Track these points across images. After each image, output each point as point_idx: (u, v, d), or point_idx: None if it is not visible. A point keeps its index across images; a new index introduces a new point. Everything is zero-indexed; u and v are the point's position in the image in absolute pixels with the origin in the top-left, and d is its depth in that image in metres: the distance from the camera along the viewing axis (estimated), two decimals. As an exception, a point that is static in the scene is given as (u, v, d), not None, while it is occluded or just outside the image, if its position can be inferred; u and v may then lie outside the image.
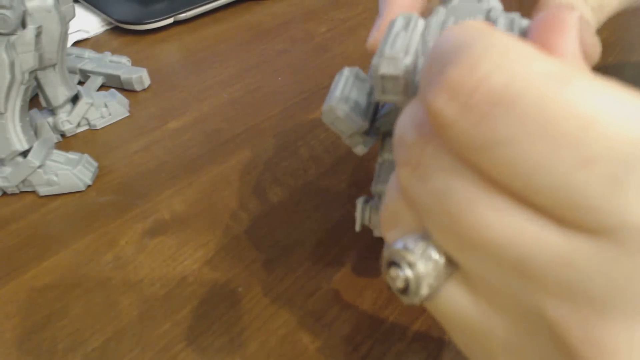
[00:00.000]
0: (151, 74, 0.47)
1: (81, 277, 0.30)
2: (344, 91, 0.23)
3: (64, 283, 0.30)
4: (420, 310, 0.27)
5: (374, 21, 0.24)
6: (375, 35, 0.23)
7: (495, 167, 0.11)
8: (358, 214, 0.26)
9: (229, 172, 0.37)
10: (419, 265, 0.13)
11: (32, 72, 0.34)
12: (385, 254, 0.13)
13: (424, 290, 0.13)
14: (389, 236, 0.15)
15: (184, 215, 0.34)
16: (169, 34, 0.55)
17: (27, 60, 0.33)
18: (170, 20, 0.56)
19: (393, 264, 0.13)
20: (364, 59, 0.47)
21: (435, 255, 0.13)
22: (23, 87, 0.34)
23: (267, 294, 0.28)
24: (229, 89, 0.46)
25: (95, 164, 0.37)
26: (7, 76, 0.32)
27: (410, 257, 0.13)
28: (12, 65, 0.32)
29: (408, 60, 0.17)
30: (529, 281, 0.11)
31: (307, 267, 0.30)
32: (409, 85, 0.18)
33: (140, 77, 0.46)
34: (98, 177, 0.37)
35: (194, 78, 0.48)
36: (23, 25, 0.33)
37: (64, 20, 0.36)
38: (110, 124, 0.42)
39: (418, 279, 0.13)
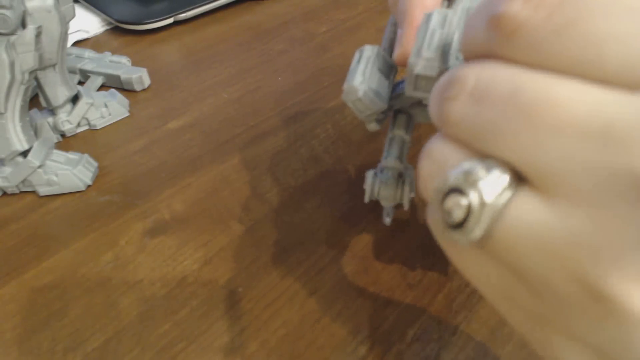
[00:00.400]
0: (151, 74, 0.47)
1: (81, 277, 0.30)
2: (366, 72, 0.22)
3: (64, 283, 0.30)
4: (421, 311, 0.27)
5: (374, 21, 0.24)
6: (401, 51, 0.23)
7: (567, 50, 0.11)
8: (368, 187, 0.26)
9: (229, 172, 0.37)
10: (484, 184, 0.12)
11: (32, 72, 0.34)
12: (439, 185, 0.12)
13: (487, 215, 0.12)
14: (433, 187, 0.14)
15: (184, 215, 0.34)
16: (169, 34, 0.55)
17: (27, 60, 0.33)
18: (170, 20, 0.56)
19: (452, 191, 0.12)
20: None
21: (498, 171, 0.12)
22: (23, 87, 0.34)
23: (267, 294, 0.28)
24: (229, 89, 0.46)
25: (95, 164, 0.37)
26: (7, 76, 0.32)
27: (473, 177, 0.12)
28: (12, 65, 0.32)
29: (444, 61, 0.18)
30: (617, 147, 0.10)
31: (307, 267, 0.30)
32: None
33: (140, 77, 0.46)
34: (98, 177, 0.37)
35: (194, 78, 0.48)
36: (23, 25, 0.33)
37: (64, 20, 0.36)
38: (110, 124, 0.42)
39: (482, 201, 0.11)
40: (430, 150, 0.14)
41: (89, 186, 0.36)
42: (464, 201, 0.12)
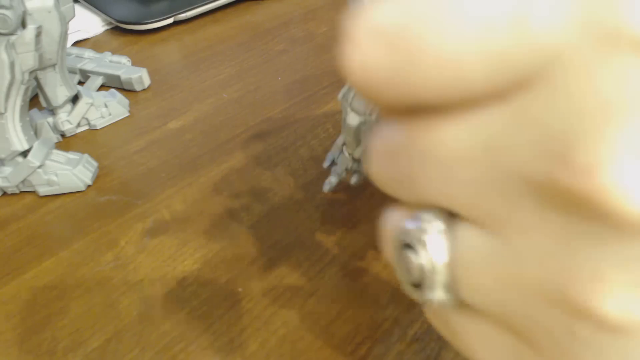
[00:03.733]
0: (151, 74, 0.47)
1: (81, 277, 0.30)
2: None
3: (64, 283, 0.30)
4: (421, 311, 0.27)
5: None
6: None
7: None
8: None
9: (229, 172, 0.37)
10: (430, 238, 0.10)
11: (32, 72, 0.34)
12: (393, 241, 0.11)
13: (442, 273, 0.10)
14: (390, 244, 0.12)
15: (184, 215, 0.34)
16: (169, 34, 0.55)
17: (27, 60, 0.33)
18: (170, 20, 0.56)
19: (405, 247, 0.11)
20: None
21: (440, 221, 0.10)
22: (23, 87, 0.33)
23: (267, 294, 0.28)
24: (229, 89, 0.46)
25: (95, 164, 0.37)
26: (7, 76, 0.32)
27: (419, 232, 0.10)
28: (12, 65, 0.32)
29: None
30: (501, 160, 0.09)
31: (307, 267, 0.30)
32: None
33: (140, 77, 0.46)
34: (98, 177, 0.37)
35: (194, 78, 0.48)
36: (23, 25, 0.33)
37: (64, 20, 0.36)
38: (110, 124, 0.42)
39: (433, 259, 0.10)
40: (387, 210, 0.13)
41: (89, 186, 0.36)
42: (415, 259, 0.10)
